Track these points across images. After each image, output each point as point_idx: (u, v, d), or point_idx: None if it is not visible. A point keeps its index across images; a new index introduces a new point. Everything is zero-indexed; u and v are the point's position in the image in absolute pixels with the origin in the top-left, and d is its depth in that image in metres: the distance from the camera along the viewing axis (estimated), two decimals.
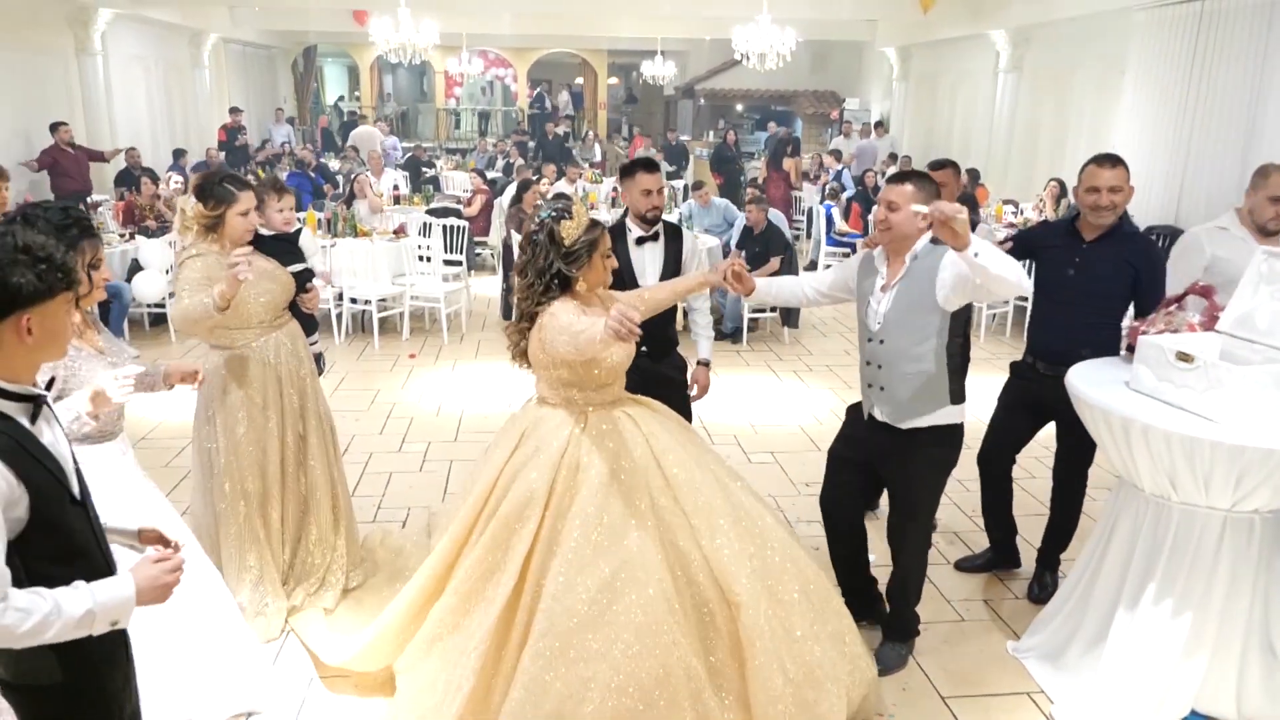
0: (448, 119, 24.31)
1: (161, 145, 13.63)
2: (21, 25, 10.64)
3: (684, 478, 2.76)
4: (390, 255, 8.05)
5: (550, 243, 2.68)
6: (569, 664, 2.53)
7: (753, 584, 2.66)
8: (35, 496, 1.66)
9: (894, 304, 3.02)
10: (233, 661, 2.99)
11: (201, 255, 3.30)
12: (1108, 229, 3.44)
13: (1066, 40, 11.45)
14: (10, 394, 1.69)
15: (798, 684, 2.64)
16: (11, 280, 1.62)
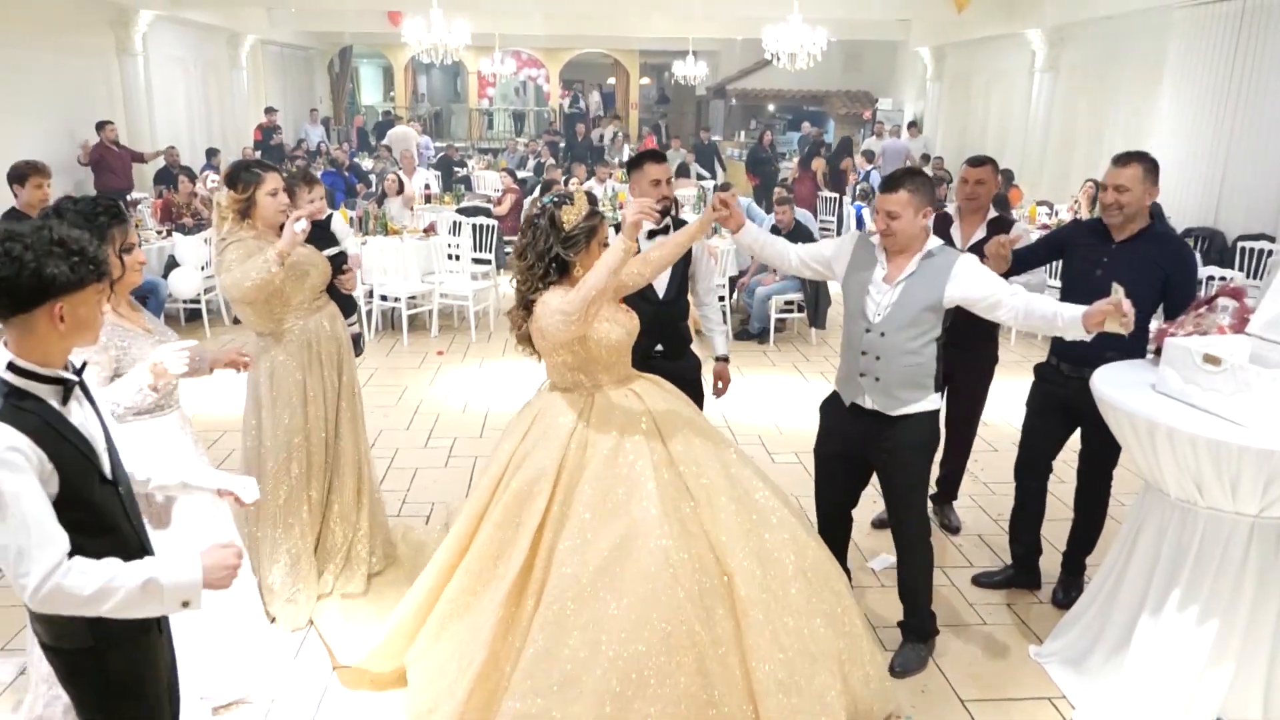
0: (480, 119, 24.48)
1: (199, 145, 13.86)
2: (65, 27, 10.89)
3: (686, 452, 2.83)
4: (420, 253, 8.13)
5: (550, 227, 2.76)
6: (579, 629, 2.60)
7: (748, 556, 2.72)
8: (64, 473, 1.75)
9: (900, 299, 3.07)
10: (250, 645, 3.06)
11: (239, 240, 3.41)
12: (1140, 230, 3.39)
13: (1104, 39, 11.28)
14: (41, 377, 1.78)
15: (791, 657, 2.68)
16: (46, 271, 1.71)
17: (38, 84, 10.32)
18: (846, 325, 3.26)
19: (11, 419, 1.70)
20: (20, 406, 1.73)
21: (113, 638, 1.87)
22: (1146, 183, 3.33)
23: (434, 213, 9.59)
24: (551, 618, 2.63)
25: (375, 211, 8.67)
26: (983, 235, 3.98)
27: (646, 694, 2.57)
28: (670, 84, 24.32)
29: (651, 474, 2.75)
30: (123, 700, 1.94)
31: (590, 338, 2.78)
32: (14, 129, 9.69)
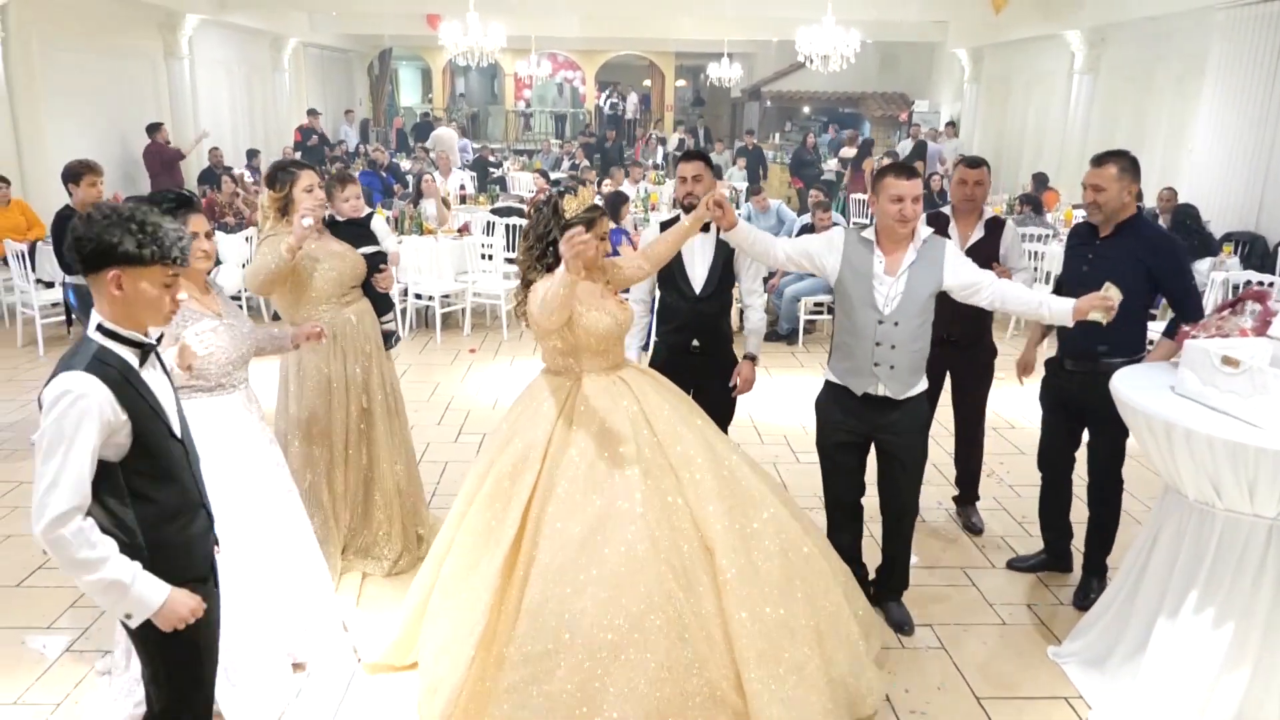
0: (516, 120, 24.69)
1: (241, 146, 14.19)
2: (115, 31, 11.22)
3: (671, 434, 2.94)
4: (454, 253, 8.27)
5: (553, 213, 2.93)
6: (563, 598, 2.72)
7: (728, 533, 2.82)
8: (136, 424, 1.96)
9: (907, 288, 3.22)
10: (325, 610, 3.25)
11: (275, 235, 3.58)
12: (1122, 225, 3.49)
13: (1144, 40, 11.14)
14: (122, 338, 1.99)
15: (772, 632, 2.77)
16: (105, 237, 1.91)
17: (89, 86, 10.64)
18: (852, 319, 3.30)
19: (97, 371, 1.91)
20: (105, 361, 1.94)
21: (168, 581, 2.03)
22: (1123, 180, 3.42)
23: (469, 213, 9.74)
24: (539, 589, 2.75)
25: (411, 212, 8.83)
26: (980, 235, 4.07)
27: (627, 659, 2.67)
28: (705, 86, 24.36)
29: (634, 452, 2.86)
30: (180, 646, 2.10)
31: (579, 325, 2.91)
32: (66, 130, 10.00)
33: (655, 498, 2.83)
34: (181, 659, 2.14)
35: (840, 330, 3.40)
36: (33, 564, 4.02)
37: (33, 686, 3.19)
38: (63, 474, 1.87)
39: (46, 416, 1.90)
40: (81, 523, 1.89)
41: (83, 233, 1.91)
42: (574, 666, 2.68)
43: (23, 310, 7.65)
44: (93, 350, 1.95)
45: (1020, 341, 8.14)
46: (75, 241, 1.91)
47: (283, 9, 14.66)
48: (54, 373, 1.96)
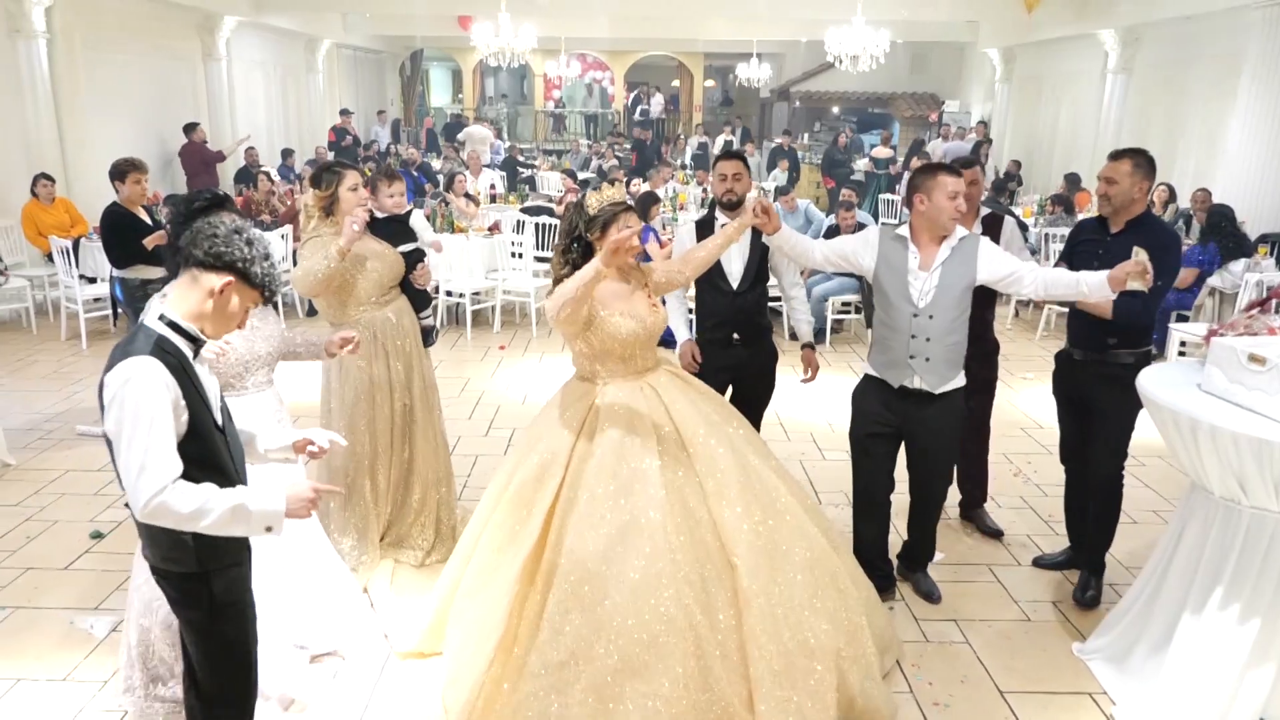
0: (546, 120, 24.83)
1: (276, 145, 14.42)
2: (155, 33, 11.46)
3: (699, 444, 2.90)
4: (484, 251, 8.38)
5: (579, 210, 2.97)
6: (582, 610, 2.72)
7: (753, 549, 2.79)
8: (192, 411, 2.06)
9: (941, 282, 3.34)
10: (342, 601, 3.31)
11: (320, 236, 3.66)
12: (1132, 220, 3.51)
13: (1179, 40, 11.02)
14: (183, 330, 2.09)
15: (791, 652, 2.74)
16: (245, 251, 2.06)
17: (130, 87, 10.88)
18: (889, 313, 3.43)
19: (161, 359, 2.01)
20: (165, 350, 2.04)
21: (215, 565, 2.15)
22: (1136, 176, 3.46)
23: (499, 211, 9.85)
24: (559, 599, 2.75)
25: (442, 210, 8.95)
26: (978, 233, 3.97)
27: (643, 674, 2.66)
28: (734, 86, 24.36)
29: (658, 464, 2.82)
30: (224, 621, 2.20)
31: (601, 329, 2.89)
32: (108, 130, 10.24)
33: (678, 510, 2.79)
34: (232, 636, 2.23)
35: (879, 324, 3.52)
36: (80, 548, 4.16)
37: (81, 664, 3.31)
38: (149, 456, 1.94)
39: (115, 405, 1.97)
40: (174, 486, 1.96)
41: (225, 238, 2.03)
42: (592, 679, 2.67)
43: (67, 305, 7.87)
44: (153, 338, 2.04)
45: (1018, 333, 8.13)
46: (214, 238, 2.03)
47: (317, 10, 14.87)
48: (112, 360, 2.03)
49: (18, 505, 4.59)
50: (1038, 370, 7.25)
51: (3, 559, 4.06)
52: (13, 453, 5.16)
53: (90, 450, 5.32)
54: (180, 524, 1.99)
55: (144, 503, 1.94)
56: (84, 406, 6.10)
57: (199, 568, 2.13)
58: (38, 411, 5.99)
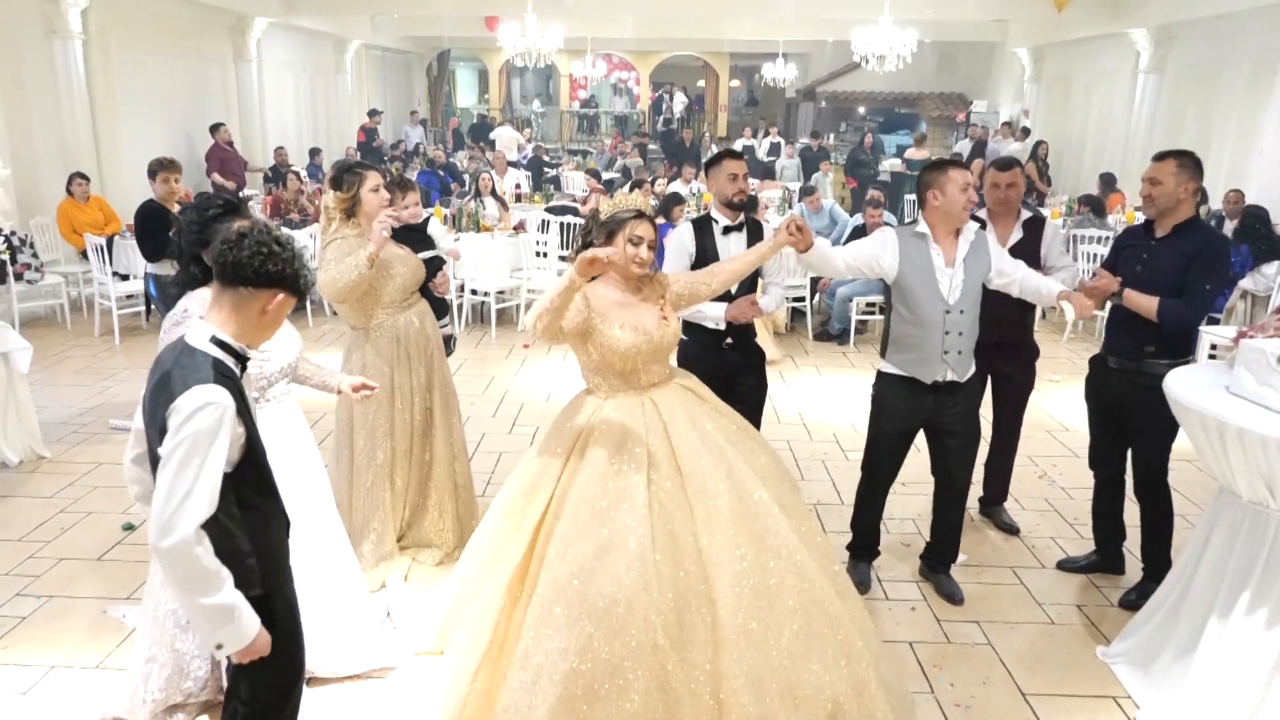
0: (571, 120, 24.92)
1: (305, 145, 14.58)
2: (187, 34, 11.63)
3: (693, 469, 2.75)
4: (509, 250, 8.44)
5: (595, 217, 2.95)
6: (553, 629, 2.63)
7: (738, 586, 2.62)
8: (248, 437, 2.03)
9: (966, 277, 3.45)
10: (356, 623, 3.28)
11: (342, 238, 3.68)
12: (1179, 226, 3.45)
13: (1212, 39, 10.87)
14: (234, 351, 2.05)
15: (770, 701, 2.57)
16: (295, 267, 2.03)
17: (162, 88, 11.05)
18: (917, 312, 3.45)
19: (224, 384, 1.96)
20: (224, 374, 1.99)
21: (275, 586, 2.13)
22: (1180, 177, 3.40)
23: (523, 211, 9.91)
24: (535, 615, 2.68)
25: (469, 209, 9.02)
26: (1019, 236, 4.05)
27: (606, 704, 2.56)
28: (760, 86, 24.31)
29: (645, 486, 2.69)
30: (285, 639, 2.17)
31: (600, 341, 2.80)
32: (141, 130, 10.41)
33: (661, 535, 2.66)
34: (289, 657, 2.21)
35: (902, 324, 3.51)
36: (112, 539, 4.24)
37: (113, 653, 3.38)
38: (199, 484, 1.90)
39: (185, 428, 1.90)
40: (203, 534, 1.91)
41: (275, 251, 2.00)
42: (552, 702, 2.58)
43: (100, 301, 8.01)
44: (210, 362, 1.99)
45: (1045, 336, 8.06)
46: (266, 257, 1.98)
47: (346, 12, 15.03)
48: (172, 387, 1.95)
49: (52, 497, 4.69)
50: (1065, 373, 7.19)
51: (38, 549, 4.15)
52: (48, 445, 5.27)
53: (123, 444, 5.40)
54: (195, 578, 1.92)
55: (182, 535, 1.87)
56: (117, 401, 6.21)
57: (263, 589, 2.08)
58: (72, 406, 6.11)
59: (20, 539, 4.24)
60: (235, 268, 1.99)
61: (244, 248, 1.98)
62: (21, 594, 3.77)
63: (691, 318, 3.79)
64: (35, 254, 8.21)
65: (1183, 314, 3.38)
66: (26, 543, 4.21)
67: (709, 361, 3.81)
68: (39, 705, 3.10)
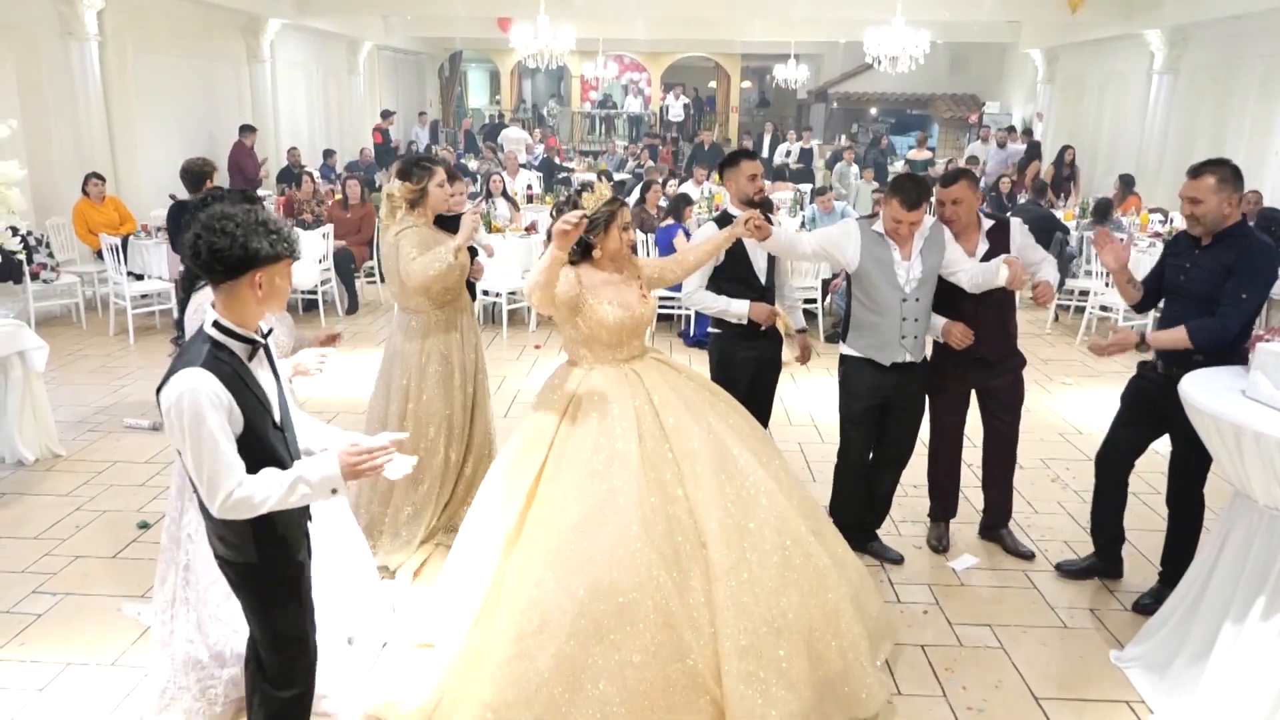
0: (583, 121, 24.94)
1: (318, 145, 14.65)
2: (202, 36, 11.70)
3: (678, 427, 2.99)
4: (521, 251, 8.45)
5: (572, 210, 2.96)
6: (556, 579, 2.80)
7: (723, 528, 2.86)
8: (246, 415, 2.12)
9: (924, 268, 3.70)
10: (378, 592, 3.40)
11: (413, 228, 3.85)
12: (1223, 234, 3.38)
13: (1227, 40, 10.80)
14: (237, 335, 2.14)
15: (757, 629, 2.79)
16: (251, 245, 2.05)
17: (177, 89, 11.12)
18: (877, 300, 3.72)
19: (212, 367, 2.06)
20: (218, 357, 2.10)
21: (272, 556, 2.26)
22: (1223, 191, 3.31)
23: (535, 212, 9.92)
24: (534, 568, 2.84)
25: (480, 210, 9.04)
26: (985, 247, 3.87)
27: (614, 643, 2.73)
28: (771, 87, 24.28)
29: (636, 444, 2.92)
30: (282, 605, 2.32)
31: (590, 316, 3.01)
32: (156, 130, 10.49)
33: (655, 488, 2.89)
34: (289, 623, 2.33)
35: (862, 310, 3.80)
36: (127, 537, 4.28)
37: (128, 650, 3.41)
38: (215, 466, 2.04)
39: (171, 419, 2.05)
40: (241, 486, 2.06)
41: (224, 244, 2.03)
42: (560, 645, 2.74)
43: (115, 301, 8.06)
44: (206, 348, 2.10)
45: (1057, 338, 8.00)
46: (216, 254, 2.03)
47: (359, 13, 15.08)
48: (169, 370, 2.10)
49: (68, 495, 4.73)
50: (1077, 375, 7.16)
51: (53, 547, 4.18)
52: (63, 444, 5.31)
53: (137, 442, 5.46)
54: (255, 511, 2.09)
55: (218, 506, 2.06)
56: (131, 400, 6.25)
57: (258, 559, 2.23)
58: (87, 404, 6.15)
59: (36, 536, 4.27)
60: (207, 269, 2.08)
61: (200, 249, 2.05)
62: (38, 591, 3.80)
63: (720, 315, 4.00)
64: (51, 253, 8.28)
65: (1215, 330, 3.30)
66: (42, 540, 4.24)
67: (741, 348, 4.04)
68: (55, 701, 3.12)
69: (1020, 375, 4.10)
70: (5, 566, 3.99)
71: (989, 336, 3.86)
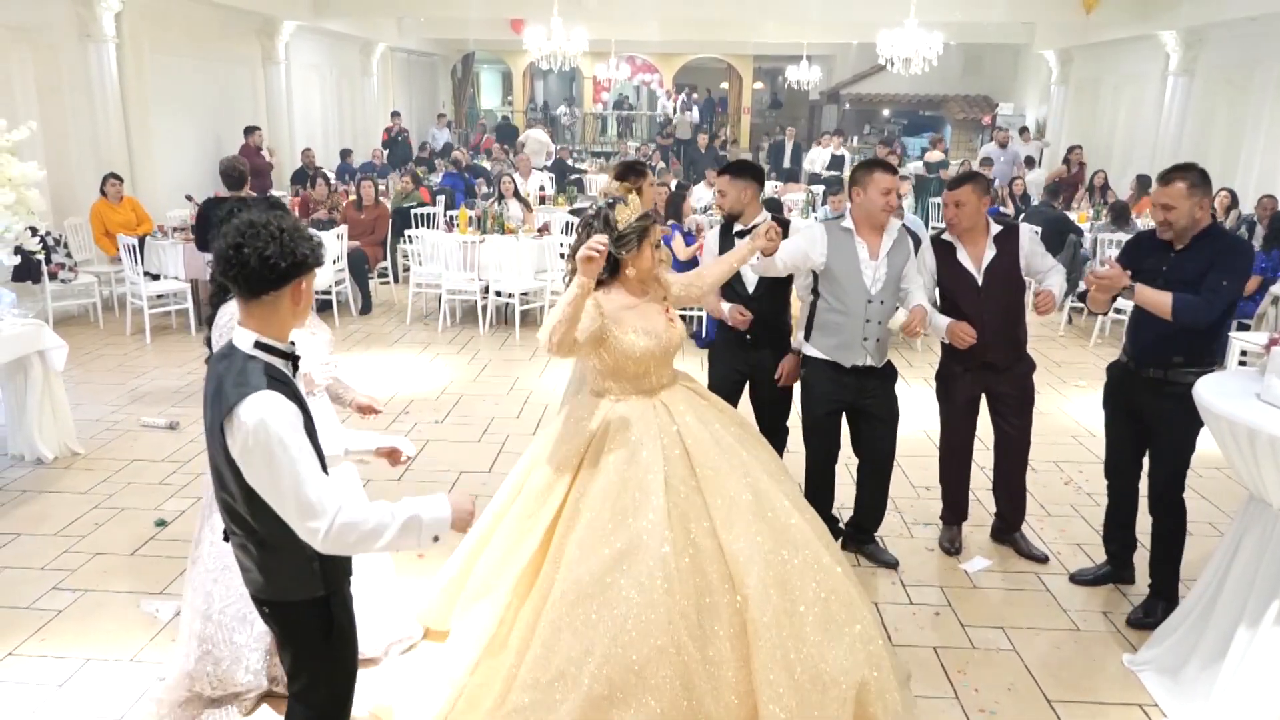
0: (595, 123, 24.98)
1: (332, 146, 14.73)
2: (217, 38, 11.78)
3: (709, 470, 2.82)
4: (534, 252, 8.48)
5: (604, 227, 2.87)
6: (574, 631, 2.67)
7: (764, 580, 2.69)
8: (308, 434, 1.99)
9: (889, 271, 3.74)
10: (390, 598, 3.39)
11: None
12: (1198, 236, 3.38)
13: (1243, 41, 10.74)
14: (281, 352, 2.03)
15: (803, 687, 2.63)
16: (299, 250, 1.97)
17: (193, 90, 11.20)
18: (843, 300, 3.74)
19: (277, 388, 1.93)
20: (276, 378, 1.96)
21: (336, 586, 2.11)
22: (1193, 196, 3.32)
23: (547, 213, 9.96)
24: (553, 617, 2.71)
25: (493, 211, 9.08)
26: (993, 254, 3.88)
27: (630, 704, 2.60)
28: (783, 88, 24.26)
29: (662, 487, 2.75)
30: (340, 642, 2.15)
31: (616, 348, 2.85)
32: (172, 132, 10.56)
33: (680, 538, 2.71)
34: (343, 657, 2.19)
35: (827, 310, 3.81)
36: (145, 534, 4.32)
37: (146, 646, 3.44)
38: (311, 489, 1.89)
39: (255, 452, 1.89)
40: (345, 509, 1.91)
41: (274, 251, 1.92)
42: (578, 702, 2.61)
43: (132, 301, 8.13)
44: (261, 367, 1.96)
45: (1071, 340, 7.99)
46: (266, 261, 1.92)
47: (373, 15, 15.15)
48: (228, 399, 1.92)
49: (86, 493, 4.78)
50: (1090, 378, 7.14)
51: (73, 544, 4.23)
52: (81, 442, 5.36)
53: (154, 441, 5.51)
54: (360, 542, 1.93)
55: (324, 535, 1.89)
56: (148, 399, 6.31)
57: (325, 590, 2.07)
58: (105, 403, 6.21)
59: (55, 534, 4.32)
60: (255, 279, 1.95)
61: (248, 259, 1.92)
62: (57, 588, 3.85)
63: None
64: (69, 254, 8.35)
65: (1198, 308, 3.27)
66: (62, 537, 4.29)
67: (731, 357, 4.07)
68: (75, 696, 3.16)
69: (1029, 379, 4.08)
70: (25, 563, 4.04)
71: (995, 341, 3.84)
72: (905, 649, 3.46)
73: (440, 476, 5.05)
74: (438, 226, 10.02)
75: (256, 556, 2.05)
